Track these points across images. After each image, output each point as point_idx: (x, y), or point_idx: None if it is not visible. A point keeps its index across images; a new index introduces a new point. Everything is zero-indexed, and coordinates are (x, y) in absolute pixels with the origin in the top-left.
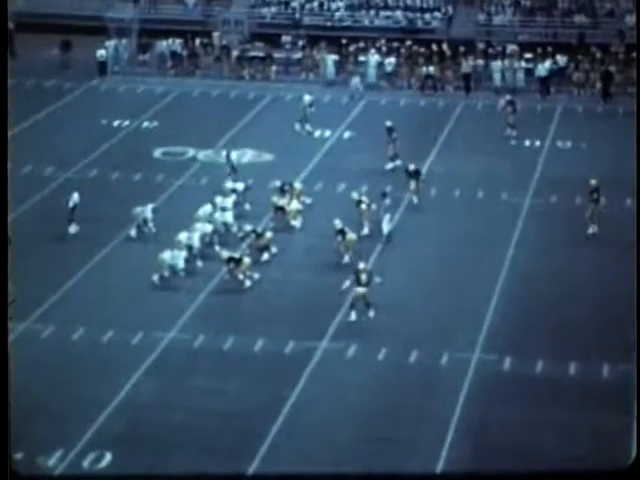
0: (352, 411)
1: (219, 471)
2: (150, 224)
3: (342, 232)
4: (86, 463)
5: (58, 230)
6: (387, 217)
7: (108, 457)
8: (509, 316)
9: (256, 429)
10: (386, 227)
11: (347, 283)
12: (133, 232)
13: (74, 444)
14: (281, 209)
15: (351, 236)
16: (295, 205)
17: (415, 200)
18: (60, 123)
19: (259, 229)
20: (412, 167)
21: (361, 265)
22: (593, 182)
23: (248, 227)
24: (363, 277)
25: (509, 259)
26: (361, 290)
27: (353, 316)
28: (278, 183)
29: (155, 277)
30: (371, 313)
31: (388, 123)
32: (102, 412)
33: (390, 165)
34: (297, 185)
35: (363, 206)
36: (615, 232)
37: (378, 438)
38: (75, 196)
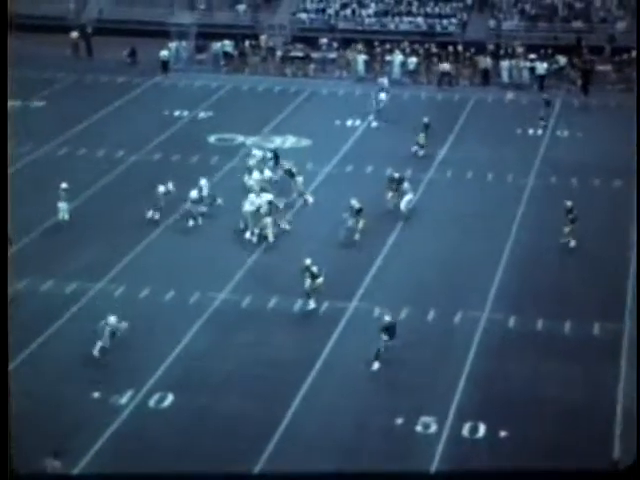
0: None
1: (246, 435)
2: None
3: (359, 211)
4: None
5: (127, 209)
6: (407, 198)
7: (170, 398)
8: (514, 281)
9: (294, 377)
10: (405, 206)
11: None
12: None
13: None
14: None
15: (362, 220)
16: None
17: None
18: (129, 113)
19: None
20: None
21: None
22: (569, 204)
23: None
24: (314, 270)
25: (515, 232)
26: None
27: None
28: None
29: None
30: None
31: (425, 119)
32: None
33: (415, 148)
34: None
35: (392, 187)
36: (606, 207)
37: (399, 388)
38: (170, 185)
